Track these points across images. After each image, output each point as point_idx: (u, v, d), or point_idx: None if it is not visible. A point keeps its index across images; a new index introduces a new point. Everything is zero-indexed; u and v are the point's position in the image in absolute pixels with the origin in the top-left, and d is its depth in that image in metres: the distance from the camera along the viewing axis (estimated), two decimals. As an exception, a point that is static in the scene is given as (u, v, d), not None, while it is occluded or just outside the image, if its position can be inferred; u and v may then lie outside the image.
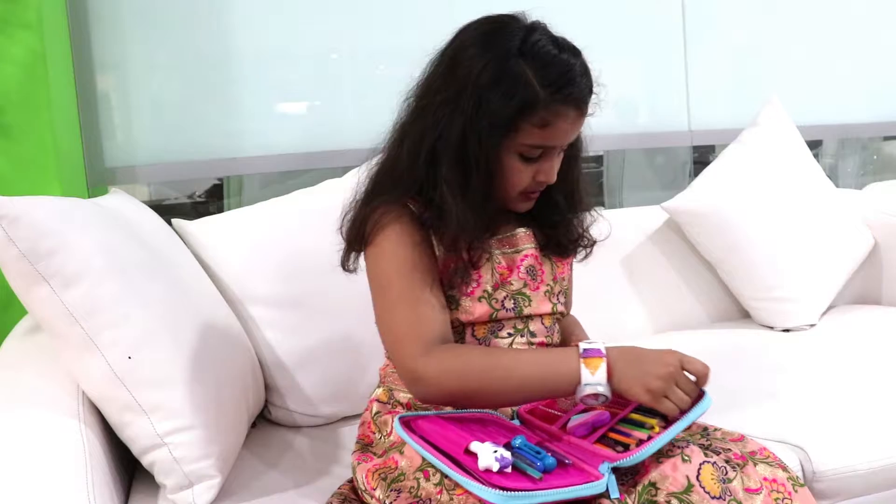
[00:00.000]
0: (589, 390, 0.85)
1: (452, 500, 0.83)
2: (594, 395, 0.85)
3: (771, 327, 1.74)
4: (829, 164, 2.76)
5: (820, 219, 1.82)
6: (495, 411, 0.97)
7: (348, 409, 1.33)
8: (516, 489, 0.75)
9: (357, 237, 0.99)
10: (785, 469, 0.87)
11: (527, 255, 1.03)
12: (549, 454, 0.81)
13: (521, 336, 1.02)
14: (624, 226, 1.81)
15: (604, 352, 0.86)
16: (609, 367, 0.85)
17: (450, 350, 0.92)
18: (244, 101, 1.74)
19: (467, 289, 0.98)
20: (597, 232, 1.09)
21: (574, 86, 0.92)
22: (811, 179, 1.87)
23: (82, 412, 0.96)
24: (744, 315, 1.83)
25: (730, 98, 2.27)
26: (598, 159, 2.48)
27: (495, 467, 0.78)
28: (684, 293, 1.82)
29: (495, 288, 0.99)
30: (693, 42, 2.18)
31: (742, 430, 0.96)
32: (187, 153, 1.70)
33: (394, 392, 1.03)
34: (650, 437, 0.82)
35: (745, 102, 2.13)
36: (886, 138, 2.76)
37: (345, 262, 1.02)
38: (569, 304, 1.17)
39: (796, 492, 0.85)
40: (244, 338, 1.28)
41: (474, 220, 0.93)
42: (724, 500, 0.79)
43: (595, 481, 0.78)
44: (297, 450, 1.23)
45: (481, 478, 0.78)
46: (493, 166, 0.94)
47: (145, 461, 0.99)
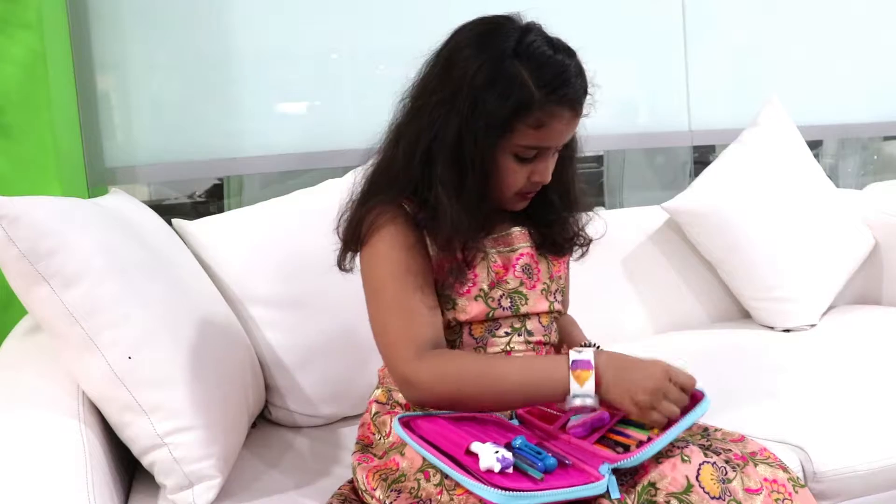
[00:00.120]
0: (577, 402, 0.86)
1: (453, 500, 0.83)
2: (582, 406, 0.86)
3: (771, 327, 1.73)
4: (830, 164, 2.76)
5: (820, 219, 1.82)
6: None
7: (348, 410, 1.33)
8: (518, 489, 0.75)
9: (353, 238, 0.99)
10: (785, 469, 0.87)
11: (522, 254, 1.03)
12: (549, 454, 0.82)
13: (519, 335, 1.01)
14: (624, 226, 1.81)
15: (593, 363, 0.86)
16: (597, 378, 0.86)
17: (442, 355, 0.93)
18: (244, 101, 1.74)
19: (463, 288, 0.98)
20: (593, 231, 1.09)
21: (569, 86, 0.92)
22: (811, 179, 1.87)
23: (82, 412, 0.96)
24: (744, 315, 1.83)
25: (730, 98, 2.26)
26: (598, 159, 2.48)
27: (497, 468, 0.78)
28: (684, 293, 1.82)
29: (491, 287, 0.99)
30: (693, 42, 2.17)
31: (742, 430, 0.96)
32: (187, 153, 1.70)
33: (392, 393, 1.03)
34: (650, 438, 0.82)
35: (745, 102, 2.12)
36: (887, 138, 2.76)
37: (341, 262, 1.02)
38: (566, 304, 1.17)
39: (797, 492, 0.85)
40: (244, 338, 1.28)
41: (469, 220, 0.93)
42: (724, 500, 0.79)
43: (596, 482, 0.78)
44: (297, 450, 1.23)
45: (483, 478, 0.78)
46: (488, 167, 0.94)
47: (145, 461, 0.99)
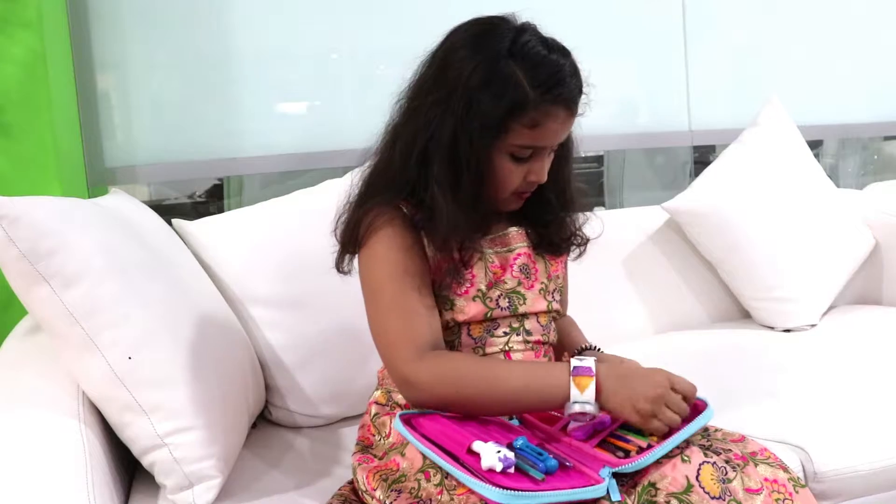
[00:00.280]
0: (577, 408, 0.86)
1: (453, 500, 0.83)
2: (581, 412, 0.86)
3: (771, 327, 1.73)
4: (830, 164, 2.76)
5: (820, 219, 1.82)
6: None
7: (349, 410, 1.33)
8: (520, 489, 0.75)
9: (350, 239, 0.99)
10: (786, 470, 0.87)
11: (520, 254, 1.03)
12: (550, 456, 0.82)
13: (517, 335, 1.01)
14: (624, 226, 1.81)
15: (594, 370, 0.87)
16: (598, 386, 0.86)
17: (442, 356, 0.93)
18: (244, 101, 1.73)
19: (461, 288, 0.98)
20: (590, 231, 1.09)
21: (564, 86, 0.92)
22: (812, 179, 1.87)
23: (82, 412, 0.96)
24: (744, 315, 1.83)
25: (730, 98, 2.26)
26: (598, 159, 2.48)
27: (499, 467, 0.78)
28: (685, 293, 1.82)
29: (489, 287, 0.99)
30: (693, 42, 2.17)
31: (743, 430, 0.96)
32: (187, 153, 1.70)
33: (392, 394, 1.03)
34: (650, 445, 0.83)
35: (745, 102, 2.12)
36: (887, 138, 2.76)
37: (339, 264, 1.02)
38: (565, 304, 1.17)
39: (797, 492, 0.84)
40: (244, 338, 1.28)
41: (465, 219, 0.94)
42: (724, 500, 0.79)
43: (597, 485, 0.78)
44: (297, 450, 1.23)
45: (484, 477, 0.78)
46: (483, 167, 0.94)
47: (145, 461, 0.99)
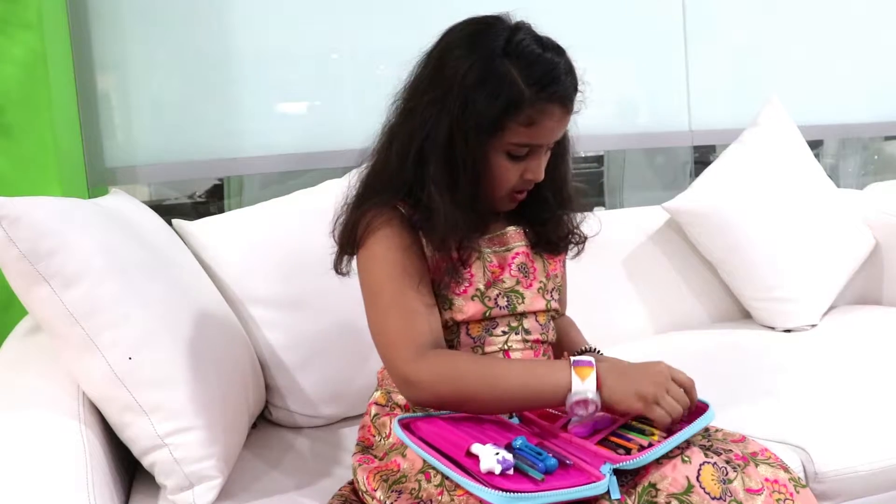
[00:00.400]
0: (579, 396, 0.86)
1: (453, 501, 0.83)
2: (584, 401, 0.86)
3: (772, 327, 1.73)
4: (830, 164, 2.76)
5: (821, 219, 1.82)
6: None
7: (349, 410, 1.33)
8: (519, 491, 0.75)
9: (349, 241, 0.99)
10: (786, 470, 0.87)
11: (518, 253, 1.03)
12: (549, 455, 0.81)
13: (516, 334, 1.01)
14: (625, 226, 1.81)
15: (594, 363, 0.88)
16: (599, 379, 0.86)
17: (443, 355, 0.93)
18: (244, 101, 1.73)
19: (459, 288, 0.98)
20: (588, 229, 1.09)
21: (559, 84, 0.92)
22: (812, 179, 1.87)
23: (82, 413, 0.96)
24: (745, 315, 1.83)
25: (730, 98, 2.26)
26: (598, 159, 2.47)
27: (497, 469, 0.78)
28: (685, 293, 1.82)
29: (488, 286, 0.99)
30: (693, 42, 2.17)
31: (743, 430, 0.96)
32: (187, 153, 1.70)
33: (392, 395, 1.03)
34: (651, 444, 0.82)
35: (745, 102, 2.12)
36: (887, 138, 2.76)
37: (337, 266, 1.02)
38: (563, 304, 1.17)
39: (798, 493, 0.84)
40: (244, 338, 1.28)
41: (463, 219, 0.94)
42: (725, 500, 0.79)
43: (597, 482, 0.78)
44: (297, 451, 1.23)
45: (483, 480, 0.78)
46: (480, 166, 0.94)
47: (146, 462, 0.99)
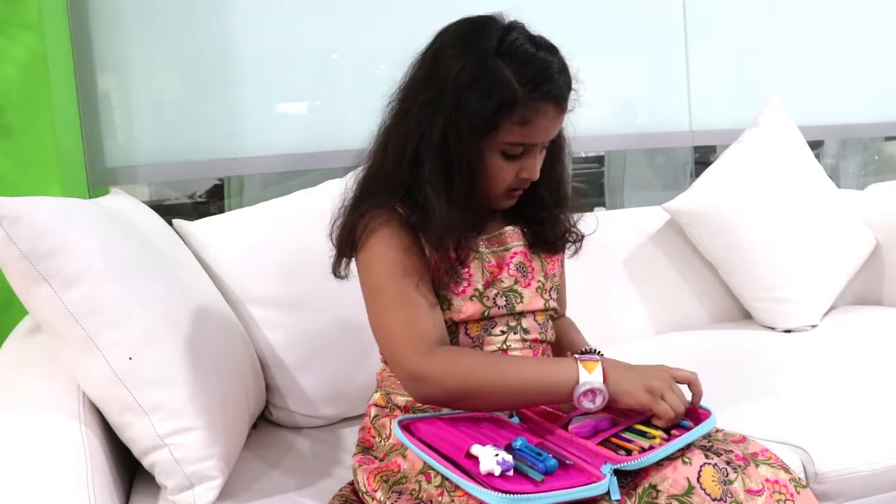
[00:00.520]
0: (587, 386, 0.86)
1: (454, 501, 0.83)
2: (592, 391, 0.86)
3: (772, 328, 1.73)
4: (831, 165, 2.76)
5: (821, 219, 1.82)
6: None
7: (349, 411, 1.33)
8: (519, 492, 0.75)
9: (347, 243, 0.99)
10: (787, 470, 0.87)
11: (516, 253, 1.03)
12: (549, 455, 0.81)
13: (515, 333, 1.01)
14: (625, 226, 1.81)
15: (598, 359, 0.90)
16: (605, 372, 0.88)
17: (451, 350, 0.94)
18: (244, 101, 1.73)
19: (458, 288, 0.98)
20: (585, 228, 1.10)
21: (552, 83, 0.92)
22: (812, 180, 1.87)
23: (83, 413, 0.96)
24: (745, 316, 1.83)
25: (731, 98, 2.26)
26: (598, 160, 2.47)
27: (497, 471, 0.78)
28: (685, 294, 1.82)
29: (486, 286, 0.99)
30: (694, 42, 2.17)
31: (743, 431, 0.96)
32: (188, 153, 1.70)
33: (391, 396, 1.03)
34: (652, 447, 0.83)
35: (745, 102, 2.12)
36: (888, 138, 2.76)
37: (336, 269, 1.02)
38: (563, 304, 1.17)
39: (798, 493, 0.84)
40: (245, 338, 1.28)
41: (459, 219, 0.94)
42: (725, 501, 0.79)
43: (597, 482, 0.78)
44: (298, 451, 1.23)
45: (483, 481, 0.78)
46: (475, 165, 0.95)
47: (146, 462, 0.99)
